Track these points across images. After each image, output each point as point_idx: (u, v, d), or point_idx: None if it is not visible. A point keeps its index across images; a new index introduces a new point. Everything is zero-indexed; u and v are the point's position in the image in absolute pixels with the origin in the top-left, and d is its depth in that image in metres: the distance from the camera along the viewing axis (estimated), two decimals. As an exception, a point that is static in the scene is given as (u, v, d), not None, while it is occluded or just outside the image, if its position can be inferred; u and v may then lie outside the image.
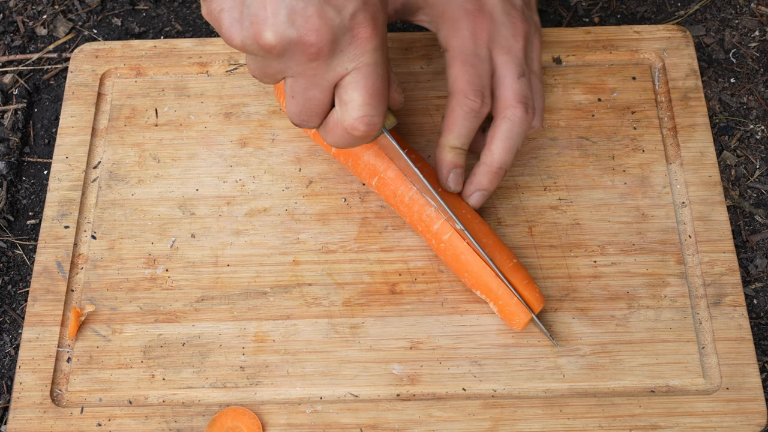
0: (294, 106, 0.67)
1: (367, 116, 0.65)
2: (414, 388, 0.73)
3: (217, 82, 0.86)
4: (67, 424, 0.72)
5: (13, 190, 0.87)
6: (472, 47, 0.74)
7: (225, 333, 0.75)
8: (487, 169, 0.74)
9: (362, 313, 0.76)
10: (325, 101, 0.66)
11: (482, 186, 0.75)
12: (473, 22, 0.74)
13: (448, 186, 0.75)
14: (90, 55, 0.88)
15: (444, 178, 0.75)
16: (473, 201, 0.76)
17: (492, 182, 0.75)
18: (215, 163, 0.83)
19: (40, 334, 0.75)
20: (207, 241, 0.79)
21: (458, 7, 0.75)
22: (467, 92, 0.73)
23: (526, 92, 0.73)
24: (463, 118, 0.73)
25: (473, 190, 0.75)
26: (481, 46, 0.74)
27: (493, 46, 0.74)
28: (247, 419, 0.71)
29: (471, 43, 0.74)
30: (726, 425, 0.71)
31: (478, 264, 0.73)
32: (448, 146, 0.74)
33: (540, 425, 0.71)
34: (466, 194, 0.76)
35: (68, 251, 0.79)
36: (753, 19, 0.94)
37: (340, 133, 0.67)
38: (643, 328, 0.75)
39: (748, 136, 0.88)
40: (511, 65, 0.74)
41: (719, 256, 0.77)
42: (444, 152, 0.74)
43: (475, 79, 0.73)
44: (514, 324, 0.73)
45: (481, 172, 0.75)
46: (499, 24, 0.74)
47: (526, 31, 0.74)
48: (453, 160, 0.74)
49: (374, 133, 0.67)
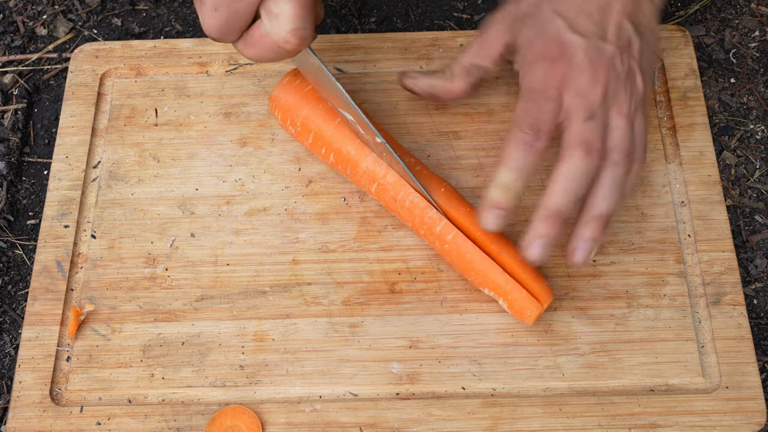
0: (215, 19, 0.66)
1: (300, 29, 0.64)
2: (413, 387, 0.73)
3: (217, 81, 0.87)
4: (66, 423, 0.72)
5: (13, 190, 0.87)
6: (541, 87, 0.72)
7: (224, 332, 0.75)
8: (542, 212, 0.69)
9: (362, 312, 0.76)
10: (249, 14, 0.65)
11: (539, 232, 0.69)
12: (549, 65, 0.72)
13: (484, 224, 0.70)
14: (90, 55, 0.88)
15: (483, 214, 0.70)
16: (533, 253, 0.69)
17: (549, 227, 0.68)
18: (215, 162, 0.83)
19: (40, 334, 0.75)
20: (206, 241, 0.79)
21: (540, 50, 0.74)
22: (521, 125, 0.70)
23: (590, 135, 0.70)
24: (514, 149, 0.70)
25: (531, 238, 0.69)
26: (551, 87, 0.71)
27: (566, 88, 0.71)
28: (246, 418, 0.71)
29: (540, 84, 0.72)
30: (725, 424, 0.71)
31: (484, 261, 0.73)
32: (494, 182, 0.70)
33: (539, 424, 0.71)
34: (525, 244, 0.69)
35: (68, 251, 0.79)
36: (753, 19, 0.94)
37: (267, 47, 0.66)
38: (643, 327, 0.75)
39: (748, 136, 0.88)
40: (579, 108, 0.71)
41: (718, 255, 0.77)
42: (490, 189, 0.70)
43: (534, 113, 0.71)
44: (526, 318, 0.73)
45: (537, 217, 0.69)
46: (576, 68, 0.72)
47: (607, 77, 0.71)
48: (496, 199, 0.70)
49: (304, 47, 0.66)
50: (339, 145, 0.77)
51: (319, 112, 0.78)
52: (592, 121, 0.70)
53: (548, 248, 0.69)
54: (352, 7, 0.96)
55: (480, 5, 0.96)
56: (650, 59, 0.75)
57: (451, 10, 0.96)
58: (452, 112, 0.85)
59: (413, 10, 0.96)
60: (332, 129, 0.77)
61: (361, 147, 0.76)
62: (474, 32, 0.88)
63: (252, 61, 0.67)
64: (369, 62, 0.88)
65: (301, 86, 0.79)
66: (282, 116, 0.80)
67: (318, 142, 0.78)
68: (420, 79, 0.80)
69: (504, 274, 0.73)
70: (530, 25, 0.75)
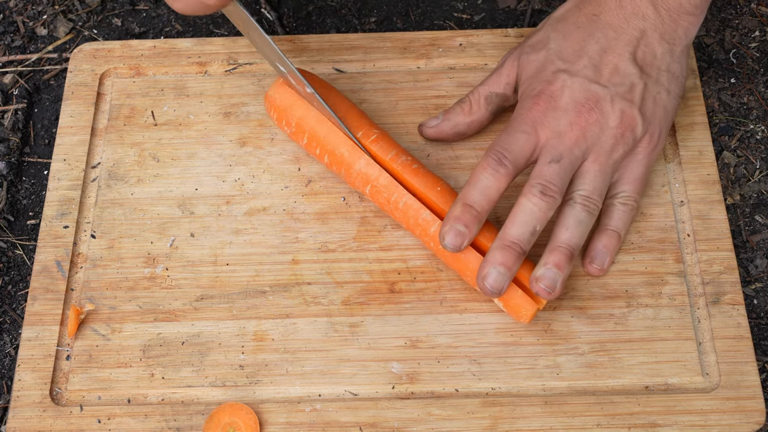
0: None
1: None
2: (413, 386, 0.73)
3: (217, 81, 0.87)
4: (66, 422, 0.72)
5: (13, 190, 0.87)
6: (519, 121, 0.74)
7: (224, 332, 0.75)
8: (498, 242, 0.71)
9: (361, 312, 0.76)
10: None
11: (495, 260, 0.71)
12: (534, 101, 0.75)
13: (441, 239, 0.72)
14: (89, 55, 0.88)
15: (442, 230, 0.72)
16: (490, 281, 0.71)
17: (505, 257, 0.71)
18: (214, 162, 0.83)
19: (40, 333, 0.75)
20: (206, 241, 0.79)
21: (532, 85, 0.76)
22: (491, 150, 0.73)
23: (549, 178, 0.72)
24: (480, 171, 0.72)
25: (487, 266, 0.71)
26: (529, 122, 0.74)
27: (542, 126, 0.74)
28: (244, 414, 0.71)
29: (521, 117, 0.74)
30: (725, 423, 0.71)
31: (478, 261, 0.73)
32: (458, 201, 0.72)
33: (539, 423, 0.71)
34: (482, 274, 0.71)
35: (68, 251, 0.79)
36: (753, 19, 0.94)
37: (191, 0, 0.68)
38: (642, 327, 0.75)
39: (748, 136, 0.88)
40: (548, 149, 0.73)
41: (718, 254, 0.77)
42: (453, 206, 0.72)
43: (504, 143, 0.73)
44: (522, 317, 0.73)
45: (493, 247, 0.72)
46: (558, 109, 0.74)
47: (587, 121, 0.73)
48: (458, 215, 0.71)
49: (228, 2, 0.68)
50: (332, 147, 0.77)
51: (314, 113, 0.78)
52: (556, 164, 0.72)
53: (505, 278, 0.71)
54: (352, 7, 0.96)
55: (480, 5, 0.96)
56: (662, 102, 0.76)
57: (451, 10, 0.96)
58: (452, 111, 0.85)
59: (413, 10, 0.96)
60: (326, 130, 0.77)
61: (354, 149, 0.77)
62: (474, 32, 0.88)
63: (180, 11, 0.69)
64: (368, 62, 0.88)
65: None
66: (278, 116, 0.80)
67: (312, 143, 0.79)
68: (441, 125, 0.82)
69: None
70: (533, 60, 0.78)
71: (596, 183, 0.74)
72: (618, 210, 0.76)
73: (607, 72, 0.75)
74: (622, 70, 0.75)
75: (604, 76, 0.75)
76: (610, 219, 0.76)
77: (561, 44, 0.77)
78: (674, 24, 0.76)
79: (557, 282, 0.71)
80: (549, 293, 0.71)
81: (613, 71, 0.75)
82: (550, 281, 0.71)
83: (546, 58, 0.77)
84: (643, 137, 0.75)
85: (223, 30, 0.95)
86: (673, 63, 0.77)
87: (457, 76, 0.86)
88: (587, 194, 0.73)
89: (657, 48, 0.76)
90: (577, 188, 0.74)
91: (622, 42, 0.76)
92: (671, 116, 0.78)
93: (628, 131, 0.74)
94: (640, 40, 0.76)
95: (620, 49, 0.75)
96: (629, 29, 0.76)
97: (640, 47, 0.76)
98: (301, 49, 0.88)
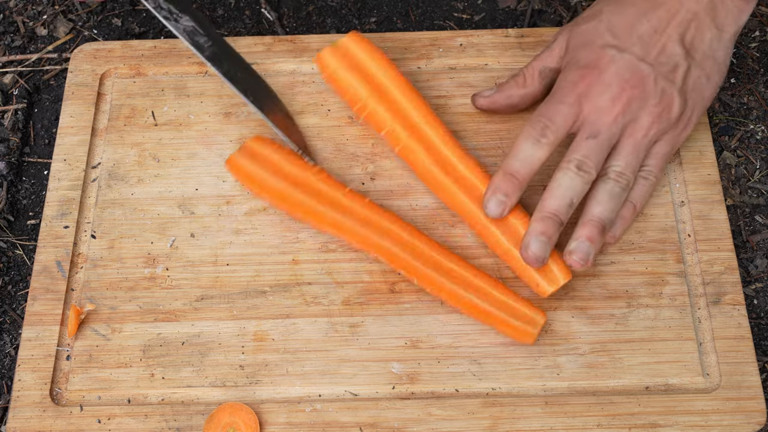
0: None
1: None
2: (413, 386, 0.73)
3: (217, 81, 0.86)
4: (66, 422, 0.72)
5: (14, 190, 0.87)
6: (564, 92, 0.75)
7: (224, 332, 0.75)
8: (538, 214, 0.73)
9: (361, 312, 0.76)
10: None
11: (536, 230, 0.73)
12: (580, 73, 0.76)
13: (486, 208, 0.75)
14: (90, 55, 0.88)
15: (485, 198, 0.75)
16: (533, 249, 0.72)
17: (546, 227, 0.72)
18: (215, 162, 0.83)
19: (40, 333, 0.75)
20: (206, 241, 0.79)
21: (578, 57, 0.77)
22: (534, 121, 0.74)
23: (586, 153, 0.73)
24: (522, 141, 0.74)
25: (530, 236, 0.73)
26: (572, 94, 0.75)
27: (586, 100, 0.75)
28: (244, 414, 0.71)
29: (565, 89, 0.75)
30: (725, 423, 0.71)
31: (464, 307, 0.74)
32: (501, 169, 0.74)
33: (539, 423, 0.71)
34: (525, 243, 0.73)
35: (68, 251, 0.79)
36: (753, 19, 0.94)
37: None
38: (643, 327, 0.75)
39: (748, 137, 0.88)
40: (588, 123, 0.74)
41: (718, 254, 0.77)
42: (495, 175, 0.75)
43: (550, 114, 0.74)
44: (524, 341, 0.73)
45: (534, 218, 0.73)
46: (602, 83, 0.75)
47: (630, 97, 0.74)
48: (499, 185, 0.74)
49: None
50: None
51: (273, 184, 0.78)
52: (593, 140, 0.74)
53: (546, 246, 0.73)
54: (352, 7, 0.96)
55: (480, 5, 0.96)
56: (701, 86, 0.77)
57: (451, 10, 0.96)
58: (452, 111, 0.85)
59: (413, 10, 0.96)
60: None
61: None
62: (474, 32, 0.88)
63: None
64: (369, 62, 0.87)
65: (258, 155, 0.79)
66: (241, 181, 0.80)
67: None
68: (495, 96, 0.83)
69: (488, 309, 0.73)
70: (583, 31, 0.78)
71: (630, 159, 0.75)
72: (638, 183, 0.77)
73: (654, 52, 0.76)
74: (669, 50, 0.76)
75: (651, 56, 0.75)
76: (630, 191, 0.77)
77: (613, 19, 0.77)
78: (726, 10, 0.77)
79: (590, 254, 0.73)
80: (582, 265, 0.73)
81: (661, 51, 0.76)
82: (584, 254, 0.73)
83: (596, 30, 0.77)
84: (679, 119, 0.76)
85: (224, 30, 0.95)
86: (720, 49, 0.77)
87: (457, 76, 0.86)
88: (621, 170, 0.74)
89: (706, 32, 0.77)
90: (612, 164, 0.75)
91: (674, 23, 0.76)
92: (706, 103, 0.78)
93: (665, 111, 0.75)
94: (691, 22, 0.76)
95: (671, 30, 0.76)
96: (682, 11, 0.76)
97: (690, 30, 0.76)
98: (301, 49, 0.88)
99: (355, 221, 0.76)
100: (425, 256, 0.75)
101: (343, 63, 0.81)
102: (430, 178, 0.79)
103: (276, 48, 0.88)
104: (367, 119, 0.81)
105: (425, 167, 0.79)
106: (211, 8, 0.96)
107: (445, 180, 0.78)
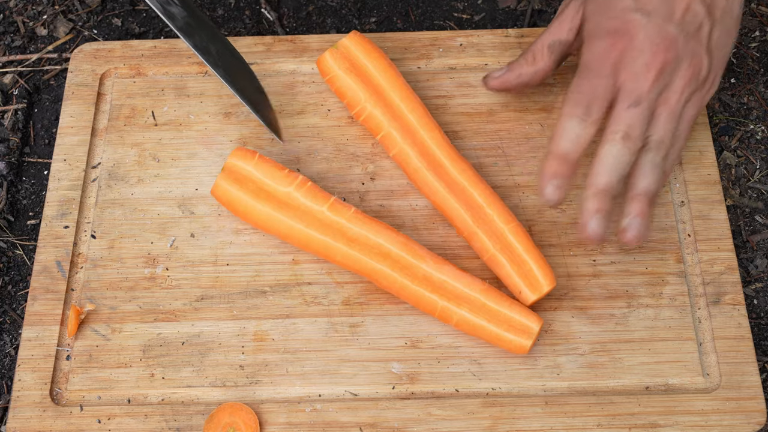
0: None
1: None
2: (413, 386, 0.73)
3: (217, 81, 0.86)
4: (66, 422, 0.72)
5: (14, 190, 0.87)
6: (597, 65, 0.73)
7: (224, 332, 0.75)
8: (590, 191, 0.71)
9: (361, 312, 0.76)
10: None
11: (592, 209, 0.70)
12: (609, 41, 0.73)
13: (544, 195, 0.72)
14: (90, 55, 0.88)
15: (542, 186, 0.72)
16: (592, 228, 0.71)
17: (600, 203, 0.70)
18: (215, 162, 0.83)
19: (40, 333, 0.75)
20: (206, 241, 0.79)
21: (603, 25, 0.74)
22: (572, 101, 0.72)
23: (631, 122, 0.71)
24: (567, 122, 0.72)
25: (587, 216, 0.71)
26: (606, 65, 0.72)
27: (621, 67, 0.72)
28: (244, 414, 0.71)
29: (597, 61, 0.73)
30: (725, 424, 0.71)
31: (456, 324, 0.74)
32: (550, 154, 0.72)
33: (539, 423, 0.71)
34: (583, 223, 0.71)
35: (68, 251, 0.79)
36: (753, 19, 0.94)
37: None
38: (643, 327, 0.75)
39: (748, 137, 0.88)
40: (627, 92, 0.72)
41: (718, 254, 0.77)
42: (545, 161, 0.72)
43: (585, 89, 0.72)
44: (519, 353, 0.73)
45: (586, 196, 0.71)
46: (635, 49, 0.72)
47: (664, 62, 0.72)
48: (553, 169, 0.71)
49: None
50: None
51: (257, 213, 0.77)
52: (635, 108, 0.71)
53: (604, 222, 0.70)
54: (352, 7, 0.96)
55: (480, 5, 0.96)
56: (723, 44, 0.75)
57: (451, 10, 0.96)
58: (452, 111, 0.85)
59: (413, 10, 0.96)
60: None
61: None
62: (474, 32, 0.88)
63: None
64: (369, 62, 0.88)
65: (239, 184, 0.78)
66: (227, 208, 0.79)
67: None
68: (505, 75, 0.81)
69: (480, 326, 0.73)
70: None
71: (668, 126, 0.73)
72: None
73: (679, 12, 0.73)
74: (694, 9, 0.73)
75: (677, 17, 0.73)
76: None
77: None
78: None
79: (643, 229, 0.71)
80: (638, 241, 0.71)
81: (686, 11, 0.73)
82: (636, 230, 0.71)
83: None
84: (706, 79, 0.74)
85: (224, 30, 0.95)
86: (734, 6, 0.75)
87: (457, 76, 0.86)
88: (660, 138, 0.72)
89: None
90: (651, 132, 0.72)
91: None
92: (727, 59, 0.76)
93: (696, 72, 0.73)
94: None
95: None
96: None
97: None
98: (301, 49, 0.88)
99: (341, 242, 0.75)
100: (414, 270, 0.74)
101: (343, 66, 0.81)
102: (422, 183, 0.79)
103: (276, 48, 0.88)
104: (365, 123, 0.81)
105: (417, 171, 0.78)
106: (211, 8, 0.96)
107: (436, 184, 0.78)
